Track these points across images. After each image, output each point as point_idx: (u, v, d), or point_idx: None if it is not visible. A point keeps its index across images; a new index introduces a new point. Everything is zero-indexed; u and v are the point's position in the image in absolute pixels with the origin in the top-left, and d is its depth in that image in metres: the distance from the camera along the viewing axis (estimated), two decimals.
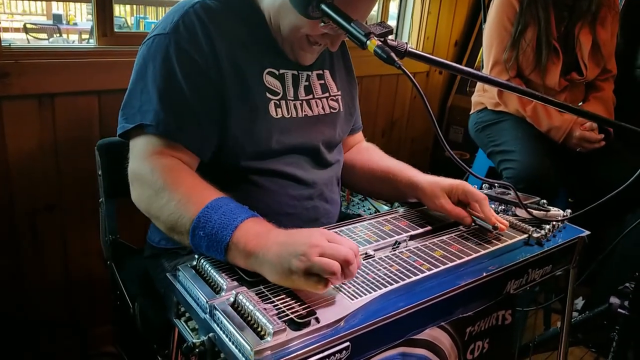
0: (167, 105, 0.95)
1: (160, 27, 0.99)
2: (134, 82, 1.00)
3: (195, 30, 0.97)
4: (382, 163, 1.23)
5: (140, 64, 0.99)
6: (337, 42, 1.03)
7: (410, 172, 1.16)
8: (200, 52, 0.96)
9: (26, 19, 7.92)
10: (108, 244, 1.30)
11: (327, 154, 1.15)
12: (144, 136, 0.95)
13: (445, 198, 1.05)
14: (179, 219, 0.84)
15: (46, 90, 1.46)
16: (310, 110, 1.11)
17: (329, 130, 1.15)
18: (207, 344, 0.71)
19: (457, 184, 1.06)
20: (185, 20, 0.97)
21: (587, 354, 1.98)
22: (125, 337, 1.33)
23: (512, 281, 0.95)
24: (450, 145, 2.81)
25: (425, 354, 0.88)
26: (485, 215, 1.01)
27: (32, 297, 1.60)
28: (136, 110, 0.97)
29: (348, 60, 1.26)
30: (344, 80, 1.22)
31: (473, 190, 1.04)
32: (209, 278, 0.79)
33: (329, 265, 0.72)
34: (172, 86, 0.95)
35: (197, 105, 0.96)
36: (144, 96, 0.96)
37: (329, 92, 1.16)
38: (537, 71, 1.86)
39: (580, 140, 1.80)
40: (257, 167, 1.03)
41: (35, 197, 1.53)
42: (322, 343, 0.67)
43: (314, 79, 1.13)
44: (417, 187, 1.11)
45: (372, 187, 1.26)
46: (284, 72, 1.07)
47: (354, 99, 1.26)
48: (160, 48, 0.96)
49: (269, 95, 1.04)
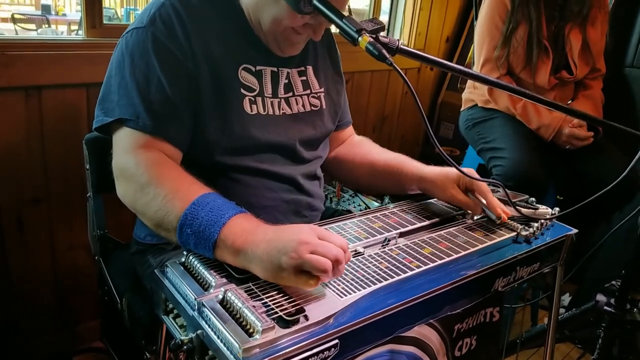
0: (146, 99, 0.94)
1: (137, 21, 0.99)
2: (112, 75, 0.99)
3: (172, 23, 0.97)
4: (383, 156, 1.22)
5: (118, 57, 0.99)
6: (320, 31, 1.02)
7: (414, 164, 1.16)
8: (177, 44, 0.96)
9: (14, 9, 7.82)
10: (96, 238, 1.28)
11: (303, 152, 1.14)
12: (125, 130, 0.95)
13: (455, 189, 1.06)
14: (165, 216, 0.84)
15: (33, 83, 1.44)
16: (289, 109, 1.10)
17: (308, 128, 1.14)
18: (195, 341, 0.70)
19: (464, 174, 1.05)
20: (162, 12, 0.97)
21: (574, 350, 2.00)
22: (113, 332, 1.32)
23: (500, 279, 0.96)
24: (441, 142, 2.82)
25: (414, 351, 0.88)
26: (491, 205, 1.02)
27: (18, 291, 1.58)
28: (115, 104, 0.96)
29: (335, 56, 1.25)
30: (328, 76, 1.21)
31: (479, 182, 1.04)
32: (198, 275, 0.78)
33: (320, 262, 0.72)
34: (151, 79, 0.95)
35: (176, 98, 0.96)
36: (122, 90, 0.96)
37: (310, 89, 1.15)
38: (527, 69, 1.87)
39: (570, 137, 1.82)
40: (233, 164, 1.03)
41: (22, 191, 1.51)
42: (311, 341, 0.67)
43: (294, 76, 1.13)
44: (425, 179, 1.11)
45: (374, 181, 1.24)
46: (261, 69, 1.06)
47: (340, 95, 1.25)
48: (138, 41, 0.96)
49: (243, 91, 1.03)
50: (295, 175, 1.11)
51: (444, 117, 2.87)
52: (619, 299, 1.29)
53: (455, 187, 1.06)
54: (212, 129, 1.00)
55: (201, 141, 1.00)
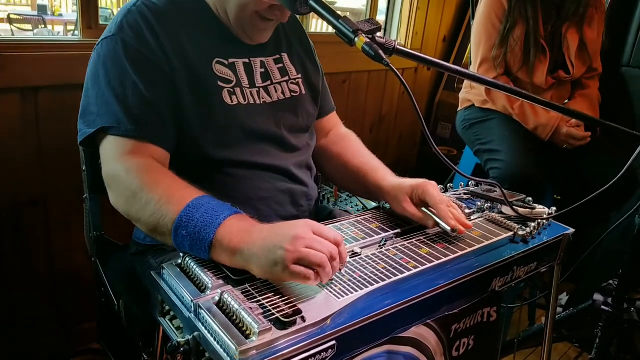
0: (125, 104, 0.94)
1: (106, 31, 1.00)
2: (89, 89, 1.00)
3: (139, 28, 0.97)
4: (355, 160, 1.20)
5: (92, 70, 1.00)
6: (286, 13, 1.02)
7: (379, 174, 1.13)
8: (147, 47, 0.97)
9: (10, 9, 7.78)
10: (93, 240, 1.28)
11: (292, 139, 1.13)
12: (110, 138, 0.95)
13: (407, 202, 1.02)
14: (160, 220, 0.83)
15: (29, 84, 1.43)
16: (269, 97, 1.11)
17: (291, 115, 1.14)
18: (192, 343, 0.70)
19: (418, 186, 1.02)
20: (128, 19, 0.98)
21: (571, 349, 2.00)
22: (110, 334, 1.32)
23: (498, 278, 0.96)
24: (438, 142, 2.83)
25: (411, 351, 0.88)
26: (443, 218, 0.97)
27: (15, 292, 1.58)
28: (95, 116, 0.96)
29: (309, 47, 1.25)
30: (304, 63, 1.21)
31: (432, 192, 0.99)
32: (194, 276, 0.78)
33: (316, 257, 0.73)
34: (127, 85, 0.95)
35: (154, 99, 0.96)
36: (100, 100, 0.96)
37: (288, 76, 1.16)
38: (524, 69, 1.87)
39: (567, 137, 1.82)
40: (224, 158, 1.03)
41: (19, 192, 1.50)
42: (308, 342, 0.67)
43: (270, 64, 1.13)
44: (382, 190, 1.09)
45: (344, 183, 1.25)
46: (234, 61, 1.07)
47: (319, 81, 1.24)
48: (109, 50, 0.97)
49: (220, 84, 1.03)
50: (288, 165, 1.11)
51: (441, 117, 2.87)
52: (616, 299, 1.29)
53: (407, 200, 1.02)
54: (195, 125, 1.00)
55: (188, 139, 1.00)
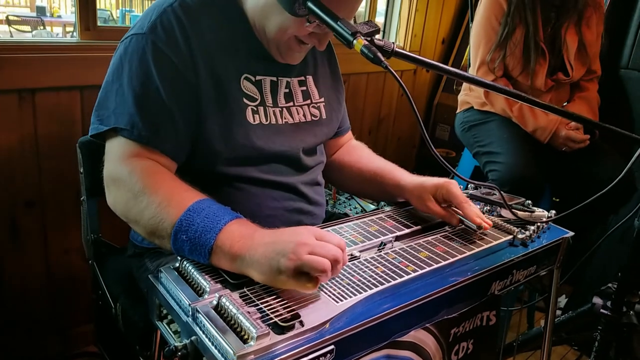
0: (142, 108, 0.92)
1: (138, 26, 0.97)
2: (110, 82, 0.97)
3: (173, 30, 0.94)
4: (370, 164, 1.22)
5: (116, 63, 0.97)
6: (324, 41, 1.01)
7: (397, 174, 1.15)
8: (177, 53, 0.94)
9: (9, 10, 7.78)
10: (90, 242, 1.27)
11: (306, 160, 1.13)
12: (120, 139, 0.93)
13: (431, 200, 1.05)
14: (159, 223, 0.82)
15: (26, 85, 1.43)
16: (291, 118, 1.09)
17: (310, 137, 1.13)
18: (189, 348, 0.70)
19: (442, 185, 1.05)
20: (163, 19, 0.94)
21: (570, 352, 2.00)
22: (107, 337, 1.31)
23: (497, 282, 0.95)
24: (437, 144, 2.83)
25: (410, 356, 0.87)
26: (468, 216, 1.00)
27: (12, 295, 1.57)
28: (111, 112, 0.94)
29: (334, 64, 1.24)
30: (328, 86, 1.20)
31: (456, 192, 1.03)
32: (192, 280, 0.77)
33: (319, 263, 0.72)
34: (149, 88, 0.93)
35: (174, 108, 0.94)
36: (119, 97, 0.94)
37: (310, 99, 1.14)
38: (524, 73, 1.87)
39: (566, 140, 1.82)
40: (236, 173, 1.02)
41: (15, 194, 1.50)
42: (307, 347, 0.66)
43: (294, 85, 1.11)
44: (404, 189, 1.11)
45: (360, 189, 1.27)
46: (261, 79, 1.05)
47: (340, 104, 1.24)
48: (137, 48, 0.94)
49: (246, 101, 1.01)
50: (297, 183, 1.10)
51: (440, 119, 2.87)
52: (615, 302, 1.29)
53: (430, 199, 1.05)
54: (214, 139, 0.98)
55: (204, 151, 0.98)
